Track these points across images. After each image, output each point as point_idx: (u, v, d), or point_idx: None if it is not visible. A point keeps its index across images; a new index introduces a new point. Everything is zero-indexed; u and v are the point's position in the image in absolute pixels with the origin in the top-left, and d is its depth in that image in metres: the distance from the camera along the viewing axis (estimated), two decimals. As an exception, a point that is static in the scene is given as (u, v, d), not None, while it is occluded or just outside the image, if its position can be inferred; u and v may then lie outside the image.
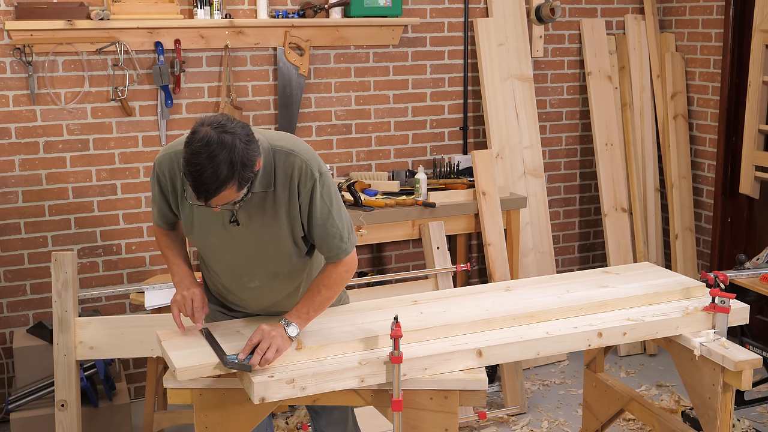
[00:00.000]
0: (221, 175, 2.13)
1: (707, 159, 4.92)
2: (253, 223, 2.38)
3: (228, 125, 2.18)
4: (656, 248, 5.00)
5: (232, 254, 2.45)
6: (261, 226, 2.38)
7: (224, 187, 2.15)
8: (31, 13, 3.72)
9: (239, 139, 2.16)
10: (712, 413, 2.66)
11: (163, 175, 2.41)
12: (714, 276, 3.19)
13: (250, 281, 2.50)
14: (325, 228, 2.39)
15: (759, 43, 4.41)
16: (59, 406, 3.26)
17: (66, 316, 3.21)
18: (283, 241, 2.41)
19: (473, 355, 2.43)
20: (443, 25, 4.60)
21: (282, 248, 2.43)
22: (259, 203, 2.35)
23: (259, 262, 2.46)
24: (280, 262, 2.47)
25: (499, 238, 4.24)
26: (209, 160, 2.12)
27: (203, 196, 2.16)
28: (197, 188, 2.15)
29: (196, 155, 2.13)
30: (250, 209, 2.36)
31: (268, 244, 2.41)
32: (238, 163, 2.14)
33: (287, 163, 2.34)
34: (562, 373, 4.58)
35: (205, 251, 2.51)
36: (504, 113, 4.65)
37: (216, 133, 2.14)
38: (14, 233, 3.96)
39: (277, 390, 2.23)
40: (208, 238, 2.44)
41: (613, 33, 4.99)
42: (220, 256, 2.48)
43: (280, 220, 2.37)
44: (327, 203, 2.38)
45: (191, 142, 2.16)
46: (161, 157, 2.42)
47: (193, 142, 2.15)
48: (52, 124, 3.93)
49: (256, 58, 4.23)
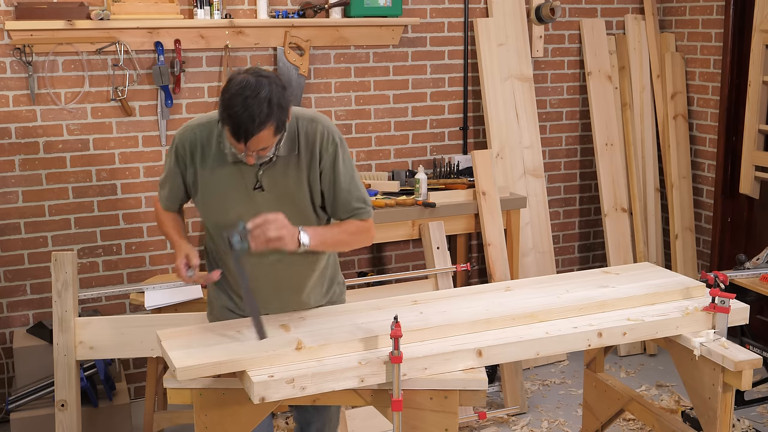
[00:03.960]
0: (262, 113, 2.20)
1: (707, 159, 4.93)
2: (277, 188, 2.43)
3: (263, 71, 2.28)
4: (656, 248, 5.00)
5: None
6: (284, 191, 2.44)
7: (264, 126, 2.21)
8: (31, 13, 3.72)
9: (275, 83, 2.26)
10: (712, 413, 2.66)
11: (183, 148, 2.45)
12: (714, 276, 3.19)
13: (270, 252, 2.44)
14: (350, 191, 2.48)
15: (759, 43, 4.41)
16: (59, 406, 3.26)
17: (66, 316, 3.21)
18: (305, 207, 2.47)
19: (473, 355, 2.43)
20: (443, 25, 4.60)
21: (303, 214, 2.47)
22: (283, 168, 2.42)
23: None
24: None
25: (499, 238, 4.24)
26: (250, 99, 2.19)
27: (243, 136, 2.22)
28: (237, 129, 2.21)
29: (235, 97, 2.20)
30: (274, 174, 2.42)
31: (290, 209, 2.42)
32: (276, 103, 2.22)
33: (310, 129, 2.43)
34: (562, 373, 4.58)
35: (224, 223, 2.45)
36: (504, 113, 4.65)
37: (254, 77, 2.23)
38: (14, 233, 3.96)
39: (277, 390, 2.23)
40: (231, 207, 2.44)
41: (613, 33, 4.99)
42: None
43: (302, 185, 2.44)
44: (349, 168, 2.48)
45: (229, 87, 2.23)
46: (182, 130, 2.48)
47: (232, 86, 2.23)
48: (52, 124, 3.94)
49: (256, 58, 4.23)
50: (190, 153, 2.45)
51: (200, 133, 2.44)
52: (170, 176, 2.52)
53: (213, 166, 2.43)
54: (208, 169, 2.44)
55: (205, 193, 2.47)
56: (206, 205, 2.50)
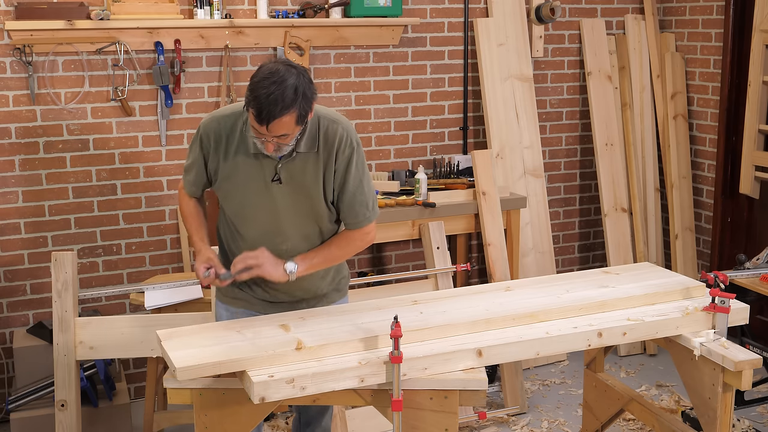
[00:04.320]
0: (287, 98, 2.29)
1: (707, 159, 4.93)
2: (293, 182, 2.52)
3: (293, 63, 2.38)
4: (656, 248, 5.00)
5: (269, 214, 2.56)
6: (301, 186, 2.52)
7: (287, 111, 2.30)
8: (31, 13, 3.72)
9: (303, 75, 2.36)
10: (712, 413, 2.66)
11: (207, 137, 2.54)
12: (714, 276, 3.19)
13: (283, 242, 2.59)
14: (354, 195, 2.56)
15: (759, 43, 4.41)
16: (59, 406, 3.26)
17: (66, 316, 3.21)
18: (318, 203, 2.55)
19: (473, 355, 2.43)
20: (443, 25, 4.60)
21: (317, 209, 2.56)
22: (302, 164, 2.50)
23: (294, 222, 2.57)
24: (313, 223, 2.60)
25: (499, 238, 4.24)
26: (277, 85, 2.29)
27: (266, 119, 2.30)
28: (261, 111, 2.29)
29: (263, 80, 2.30)
30: (292, 169, 2.50)
31: (305, 203, 2.55)
32: (302, 93, 2.32)
33: (331, 130, 2.51)
34: (562, 373, 4.58)
35: (242, 212, 2.58)
36: (504, 113, 4.65)
37: (284, 66, 2.34)
38: (14, 233, 3.96)
39: (277, 390, 2.23)
40: (249, 198, 2.54)
41: (613, 33, 4.99)
42: (257, 215, 2.57)
43: (318, 182, 2.52)
44: (360, 172, 2.56)
45: (258, 73, 2.33)
46: (207, 120, 2.57)
47: (260, 72, 2.33)
48: (52, 124, 3.94)
49: (256, 58, 4.23)
50: (214, 143, 2.54)
51: (225, 123, 2.53)
52: (195, 163, 2.61)
53: (234, 157, 2.52)
54: (230, 159, 2.53)
55: (225, 182, 2.57)
56: (225, 194, 2.60)
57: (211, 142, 2.54)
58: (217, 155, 2.54)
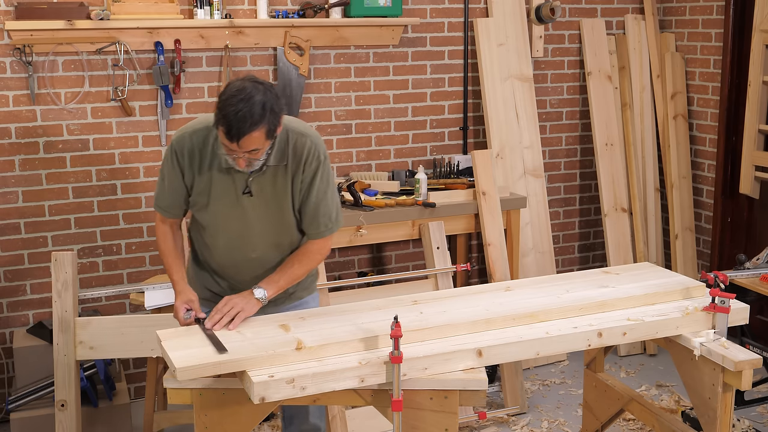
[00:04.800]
0: (255, 114, 2.34)
1: (707, 159, 4.93)
2: (264, 194, 2.59)
3: (260, 79, 2.45)
4: (656, 248, 5.00)
5: (240, 225, 2.63)
6: (271, 197, 2.60)
7: (256, 127, 2.35)
8: (31, 13, 3.72)
9: (270, 91, 2.42)
10: (712, 413, 2.66)
11: (180, 153, 2.58)
12: (714, 276, 3.19)
13: (253, 251, 2.67)
14: (318, 207, 2.63)
15: (759, 43, 4.41)
16: (59, 406, 3.26)
17: (66, 316, 3.21)
18: (287, 213, 2.63)
19: (473, 355, 2.43)
20: (443, 25, 4.60)
21: (285, 219, 2.64)
22: (272, 177, 2.57)
23: (264, 231, 2.65)
24: (283, 232, 2.67)
25: (499, 238, 4.24)
26: (244, 102, 2.34)
27: (236, 135, 2.35)
28: (230, 129, 2.35)
29: (231, 98, 2.36)
30: (263, 182, 2.57)
31: (274, 214, 2.62)
32: (270, 108, 2.38)
33: (299, 143, 2.58)
34: (562, 373, 4.58)
35: (215, 223, 2.65)
36: (504, 113, 4.65)
37: (250, 83, 2.40)
38: (14, 233, 3.96)
39: (277, 390, 2.23)
40: (221, 209, 2.62)
41: (613, 33, 4.99)
42: (229, 226, 2.64)
43: (287, 193, 2.60)
44: (325, 184, 2.63)
45: (226, 90, 2.40)
46: (178, 137, 2.61)
47: (228, 90, 2.39)
48: (52, 124, 3.94)
49: (256, 58, 4.23)
50: (188, 158, 2.58)
51: (196, 139, 2.58)
52: (172, 182, 2.63)
53: (208, 171, 2.58)
54: (204, 174, 2.59)
55: (199, 196, 2.62)
56: (198, 207, 2.65)
57: (185, 158, 2.58)
58: (191, 170, 2.59)
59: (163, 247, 2.74)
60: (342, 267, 4.61)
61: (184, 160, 2.58)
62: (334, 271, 4.57)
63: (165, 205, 2.69)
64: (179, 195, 2.65)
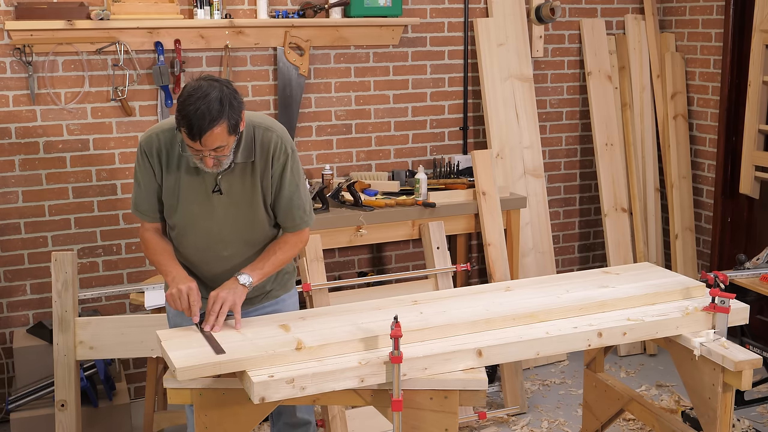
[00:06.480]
0: (214, 110, 2.35)
1: (707, 159, 4.93)
2: (233, 192, 2.59)
3: (215, 77, 2.47)
4: (656, 248, 5.00)
5: (212, 223, 2.63)
6: (241, 195, 2.60)
7: (217, 123, 2.36)
8: (31, 13, 3.72)
9: (226, 86, 2.43)
10: (712, 413, 2.66)
11: (150, 154, 2.59)
12: (714, 276, 3.19)
13: (225, 249, 2.66)
14: (291, 200, 2.64)
15: (759, 43, 4.41)
16: (59, 406, 3.26)
17: (66, 316, 3.21)
18: (258, 209, 2.63)
19: (473, 355, 2.43)
20: (443, 25, 4.60)
21: (257, 216, 2.64)
22: (240, 174, 2.58)
23: (236, 229, 2.64)
24: (255, 229, 2.67)
25: (499, 238, 4.24)
26: (201, 100, 2.35)
27: (197, 134, 2.36)
28: (191, 127, 2.36)
29: (188, 98, 2.37)
30: (231, 179, 2.58)
31: (245, 211, 2.63)
32: (228, 103, 2.38)
33: (265, 138, 2.58)
34: (562, 373, 4.58)
35: (185, 223, 2.64)
36: (504, 113, 4.65)
37: (206, 81, 2.42)
38: (14, 233, 3.96)
39: (277, 390, 2.23)
40: (192, 208, 2.61)
41: (613, 33, 4.99)
42: (200, 225, 2.63)
43: (256, 190, 2.60)
44: (296, 177, 2.64)
45: (182, 93, 2.40)
46: (146, 137, 2.61)
47: (185, 92, 2.40)
48: (52, 124, 3.94)
49: (256, 58, 4.23)
50: (157, 158, 2.59)
51: (164, 138, 2.58)
52: (147, 184, 2.63)
53: (177, 170, 2.59)
54: (173, 173, 2.59)
55: (168, 195, 2.62)
56: (169, 206, 2.64)
57: (155, 157, 2.58)
58: (161, 169, 2.60)
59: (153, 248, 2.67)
60: (342, 267, 4.61)
61: (153, 159, 2.58)
62: (334, 271, 4.57)
63: (145, 209, 2.66)
64: (154, 194, 2.64)
